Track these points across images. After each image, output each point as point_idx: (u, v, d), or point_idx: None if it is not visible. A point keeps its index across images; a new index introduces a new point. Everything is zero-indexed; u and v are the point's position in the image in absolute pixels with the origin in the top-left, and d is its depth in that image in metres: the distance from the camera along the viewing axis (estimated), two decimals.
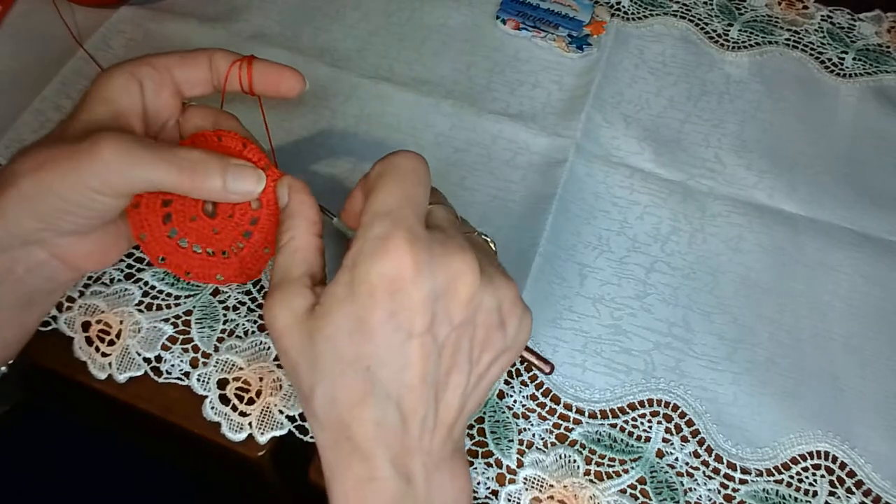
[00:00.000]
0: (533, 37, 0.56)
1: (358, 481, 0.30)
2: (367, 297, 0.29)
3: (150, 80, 0.36)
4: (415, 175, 0.32)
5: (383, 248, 0.29)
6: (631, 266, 0.45)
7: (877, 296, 0.45)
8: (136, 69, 0.36)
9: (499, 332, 0.32)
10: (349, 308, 0.30)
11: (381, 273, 0.29)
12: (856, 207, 0.48)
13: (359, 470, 0.30)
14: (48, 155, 0.33)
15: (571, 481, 0.38)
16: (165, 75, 0.37)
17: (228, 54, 0.38)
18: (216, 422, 0.39)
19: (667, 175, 0.49)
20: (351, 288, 0.30)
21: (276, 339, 0.31)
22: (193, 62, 0.38)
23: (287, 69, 0.38)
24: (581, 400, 0.41)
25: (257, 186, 0.35)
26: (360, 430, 0.30)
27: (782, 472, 0.39)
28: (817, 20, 0.58)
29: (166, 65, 0.37)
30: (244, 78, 0.38)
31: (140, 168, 0.33)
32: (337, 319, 0.30)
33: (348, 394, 0.30)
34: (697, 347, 0.43)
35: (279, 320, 0.31)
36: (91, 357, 0.41)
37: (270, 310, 0.31)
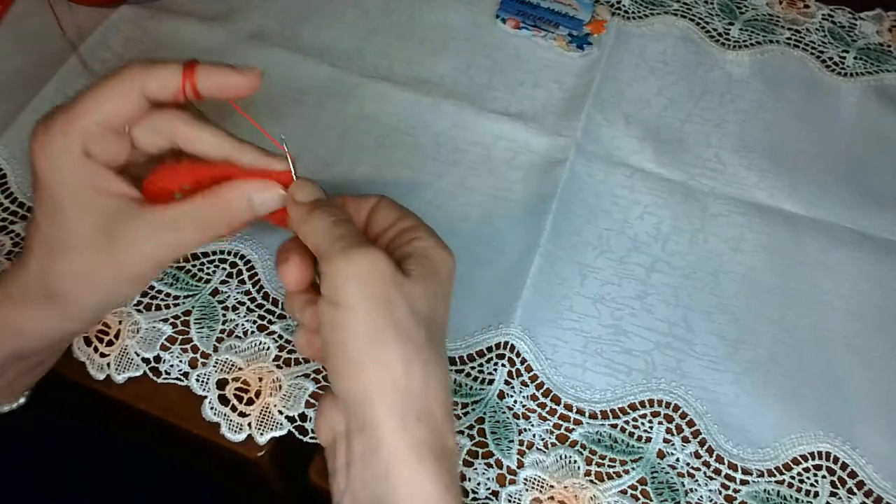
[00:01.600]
0: (533, 36, 0.55)
1: (364, 449, 0.30)
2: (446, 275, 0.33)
3: (95, 145, 0.32)
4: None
5: (444, 244, 0.34)
6: (632, 266, 0.45)
7: (878, 295, 0.45)
8: (75, 149, 0.31)
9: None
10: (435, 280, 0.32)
11: (451, 259, 0.34)
12: (857, 207, 0.48)
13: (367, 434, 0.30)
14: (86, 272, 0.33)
15: (572, 482, 0.38)
16: (101, 131, 0.32)
17: (161, 76, 0.32)
18: (215, 422, 0.39)
19: (668, 175, 0.49)
20: (435, 265, 0.33)
21: (382, 285, 0.30)
22: (122, 104, 0.32)
23: (234, 75, 0.33)
24: (581, 400, 0.41)
25: (277, 194, 0.34)
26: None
27: (783, 472, 0.39)
28: (818, 19, 0.58)
29: (95, 121, 0.32)
30: (188, 89, 0.33)
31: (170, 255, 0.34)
32: (428, 285, 0.32)
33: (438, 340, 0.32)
34: (698, 347, 0.43)
35: (389, 271, 0.30)
36: (90, 357, 0.41)
37: (378, 260, 0.30)
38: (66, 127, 0.32)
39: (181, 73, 0.32)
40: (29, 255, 0.34)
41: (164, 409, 0.40)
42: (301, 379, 0.40)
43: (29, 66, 0.52)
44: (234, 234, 0.36)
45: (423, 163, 0.49)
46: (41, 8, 0.54)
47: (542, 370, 0.41)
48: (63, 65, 0.52)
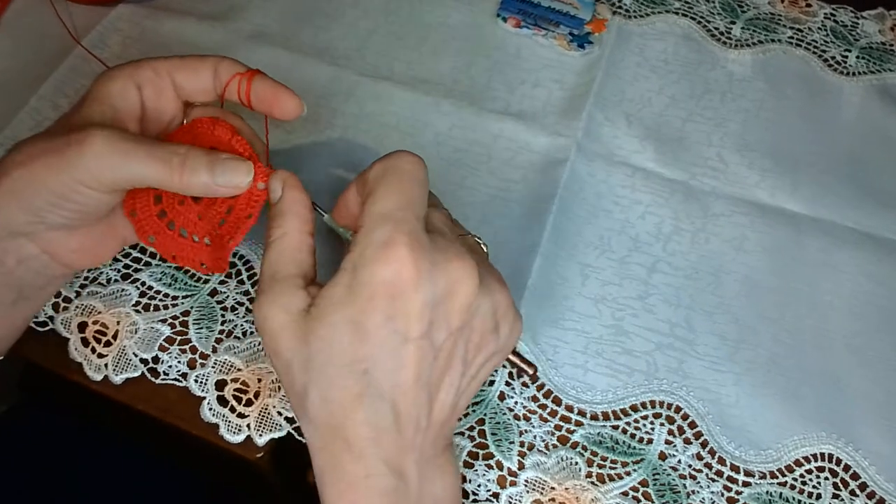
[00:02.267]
0: (534, 35, 0.55)
1: (352, 480, 0.30)
2: (367, 301, 0.29)
3: (150, 83, 0.36)
4: (415, 177, 0.32)
5: (385, 252, 0.29)
6: (633, 266, 0.45)
7: (880, 295, 0.45)
8: (136, 72, 0.36)
9: (493, 335, 0.32)
10: (347, 311, 0.29)
11: (383, 278, 0.29)
12: (859, 207, 0.48)
13: (352, 469, 0.30)
14: (39, 148, 0.33)
15: (573, 483, 0.38)
16: (166, 80, 0.37)
17: (234, 65, 0.37)
18: (214, 423, 0.39)
19: (669, 174, 0.49)
20: (350, 290, 0.30)
21: (269, 339, 0.31)
22: (196, 69, 0.37)
23: (286, 92, 0.37)
24: (583, 401, 0.40)
25: (245, 178, 0.35)
26: (354, 431, 0.30)
27: (786, 474, 0.39)
28: (820, 18, 0.58)
29: (168, 69, 0.37)
30: (243, 93, 0.37)
31: (128, 162, 0.33)
32: (334, 321, 0.30)
33: (343, 395, 0.30)
34: (700, 348, 0.42)
35: (272, 320, 0.31)
36: (87, 358, 0.41)
37: (261, 309, 0.31)
38: (139, 66, 0.36)
39: (246, 69, 0.37)
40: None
41: (163, 409, 0.40)
42: None
43: (27, 64, 0.52)
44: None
45: None
46: (40, 6, 0.54)
47: (542, 371, 0.41)
48: (62, 63, 0.52)
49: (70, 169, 0.32)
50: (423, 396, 0.31)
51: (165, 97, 0.37)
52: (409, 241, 0.29)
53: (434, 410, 0.31)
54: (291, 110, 0.37)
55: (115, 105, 0.35)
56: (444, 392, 0.31)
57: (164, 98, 0.37)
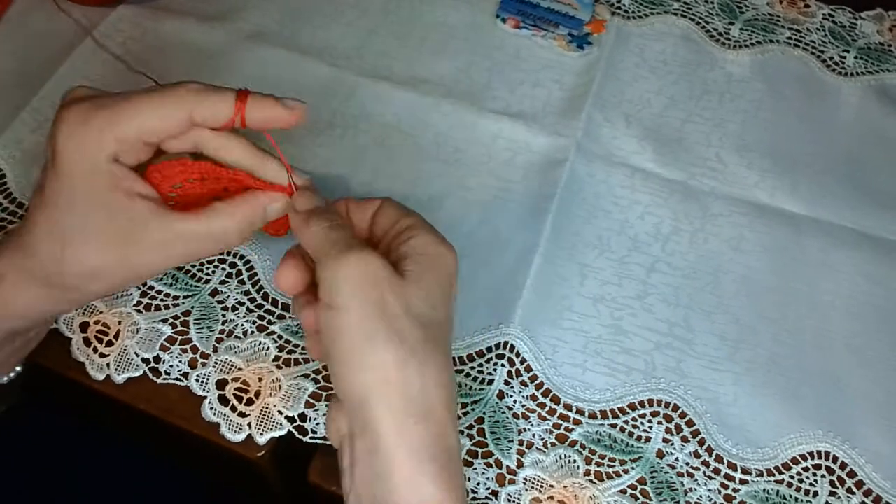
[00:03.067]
0: (533, 35, 0.55)
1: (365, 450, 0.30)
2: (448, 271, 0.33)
3: (127, 155, 0.32)
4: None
5: (444, 241, 0.34)
6: (632, 266, 0.45)
7: (878, 296, 0.45)
8: (108, 152, 0.32)
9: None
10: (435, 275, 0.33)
11: (453, 257, 0.34)
12: (858, 207, 0.48)
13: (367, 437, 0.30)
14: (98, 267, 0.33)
15: (571, 482, 0.38)
16: (137, 143, 0.32)
17: (214, 101, 0.32)
18: (215, 422, 0.39)
19: (668, 174, 0.49)
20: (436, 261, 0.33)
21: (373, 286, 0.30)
22: (166, 123, 0.32)
23: (281, 107, 0.34)
24: (581, 400, 0.41)
25: (283, 206, 0.36)
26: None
27: (783, 472, 0.39)
28: (819, 19, 0.58)
29: (137, 133, 0.32)
30: (237, 120, 0.33)
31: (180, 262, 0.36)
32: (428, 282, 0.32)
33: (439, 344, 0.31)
34: (698, 347, 0.42)
35: (382, 270, 0.31)
36: (89, 358, 0.41)
37: (370, 260, 0.30)
38: (106, 127, 0.31)
39: (234, 104, 0.32)
40: (34, 239, 0.33)
41: (164, 409, 0.40)
42: (301, 379, 0.40)
43: (29, 65, 0.52)
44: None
45: (423, 163, 0.49)
46: (41, 7, 0.54)
47: (541, 370, 0.41)
48: (63, 64, 0.52)
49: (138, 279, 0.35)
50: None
51: (136, 151, 0.33)
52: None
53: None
54: (293, 120, 0.34)
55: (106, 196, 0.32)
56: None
57: (134, 153, 0.33)
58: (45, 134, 0.49)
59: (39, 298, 0.34)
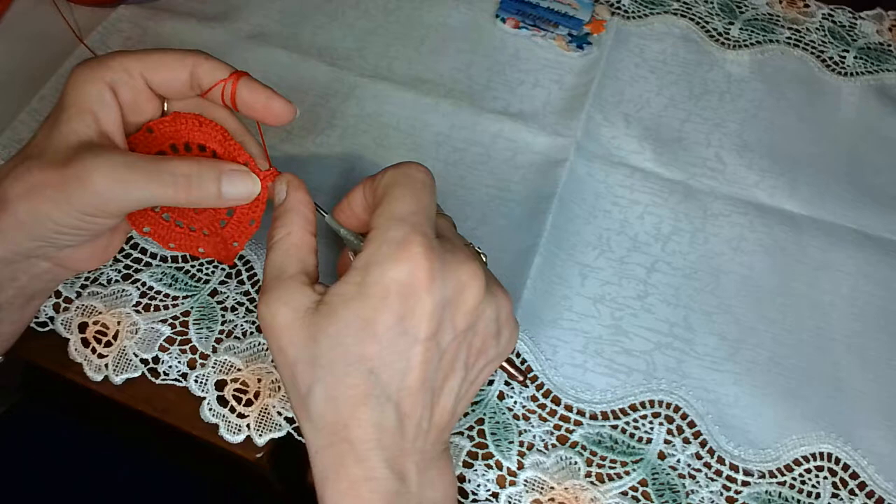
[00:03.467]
0: (533, 35, 0.55)
1: (354, 482, 0.30)
2: (379, 300, 0.29)
3: (124, 85, 0.34)
4: (427, 186, 0.33)
5: (400, 252, 0.29)
6: (632, 266, 0.45)
7: (879, 296, 0.45)
8: (108, 74, 0.34)
9: (494, 340, 0.33)
10: (358, 308, 0.30)
11: (396, 277, 0.29)
12: (857, 206, 0.48)
13: (355, 470, 0.30)
14: (38, 180, 0.32)
15: (572, 483, 0.38)
16: (139, 80, 0.35)
17: (215, 68, 0.35)
18: (214, 423, 0.39)
19: (668, 174, 0.49)
20: (361, 289, 0.30)
21: (275, 336, 0.31)
22: (171, 68, 0.35)
23: (274, 97, 0.35)
24: (582, 401, 0.41)
25: (254, 190, 0.35)
26: (358, 432, 0.30)
27: (785, 473, 0.39)
28: (818, 19, 0.58)
29: (140, 69, 0.34)
30: (227, 96, 0.35)
31: (132, 191, 0.32)
32: (344, 318, 0.30)
33: (349, 393, 0.30)
34: (699, 348, 0.42)
35: (279, 317, 0.31)
36: (87, 358, 0.41)
37: (268, 307, 0.31)
38: (116, 57, 0.34)
39: (230, 72, 0.35)
40: (32, 148, 0.34)
41: (163, 410, 0.40)
42: None
43: (28, 65, 0.52)
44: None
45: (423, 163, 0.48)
46: (41, 7, 0.54)
47: (542, 371, 0.41)
48: (63, 64, 0.52)
49: (74, 203, 0.32)
50: (426, 399, 0.31)
51: (142, 97, 0.35)
52: (423, 241, 0.30)
53: (435, 414, 0.31)
54: (283, 115, 0.35)
55: (94, 111, 0.34)
56: (445, 396, 0.32)
57: (140, 98, 0.35)
58: None
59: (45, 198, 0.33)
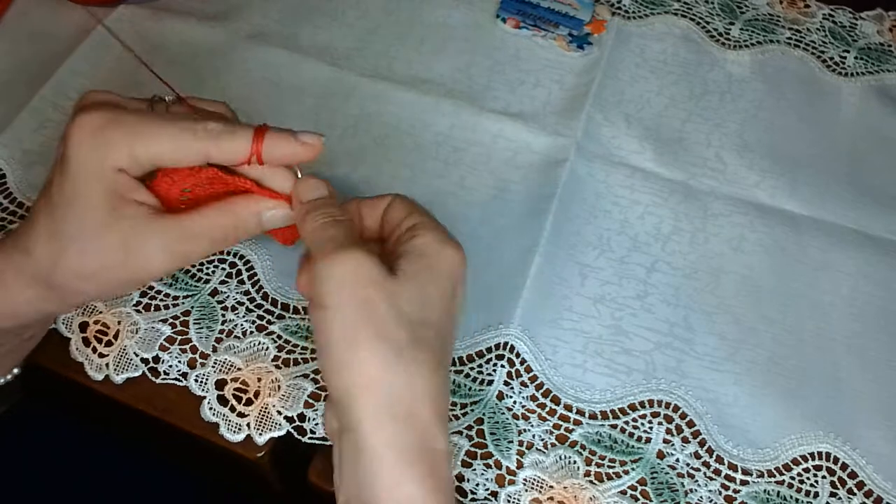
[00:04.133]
0: (533, 35, 0.55)
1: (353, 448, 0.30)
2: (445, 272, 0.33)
3: (133, 169, 0.32)
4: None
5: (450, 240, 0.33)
6: (632, 266, 0.45)
7: (879, 296, 0.45)
8: (119, 164, 0.32)
9: None
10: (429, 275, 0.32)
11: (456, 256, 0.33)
12: (858, 207, 0.48)
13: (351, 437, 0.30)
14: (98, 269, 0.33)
15: (571, 482, 0.38)
16: (147, 165, 0.33)
17: (232, 145, 0.32)
18: (214, 422, 0.39)
19: (668, 174, 0.49)
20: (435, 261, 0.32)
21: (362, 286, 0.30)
22: (183, 153, 0.32)
23: (295, 142, 0.33)
24: (581, 401, 0.41)
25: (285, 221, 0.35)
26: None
27: (783, 473, 0.39)
28: (819, 19, 0.58)
29: (149, 158, 0.32)
30: (253, 158, 0.33)
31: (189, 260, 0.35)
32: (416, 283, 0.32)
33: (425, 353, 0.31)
34: (698, 348, 0.42)
35: (374, 270, 0.30)
36: (88, 358, 0.41)
37: (362, 259, 0.30)
38: (121, 142, 0.32)
39: (251, 146, 0.32)
40: (34, 239, 0.33)
41: (163, 409, 0.40)
42: (300, 379, 0.40)
43: (29, 65, 0.52)
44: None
45: (423, 163, 0.49)
46: (41, 7, 0.54)
47: (541, 370, 0.41)
48: (63, 64, 0.52)
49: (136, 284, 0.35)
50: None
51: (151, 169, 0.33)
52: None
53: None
54: (314, 150, 0.34)
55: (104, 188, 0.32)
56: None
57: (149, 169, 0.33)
58: (45, 134, 0.49)
59: (33, 298, 0.34)
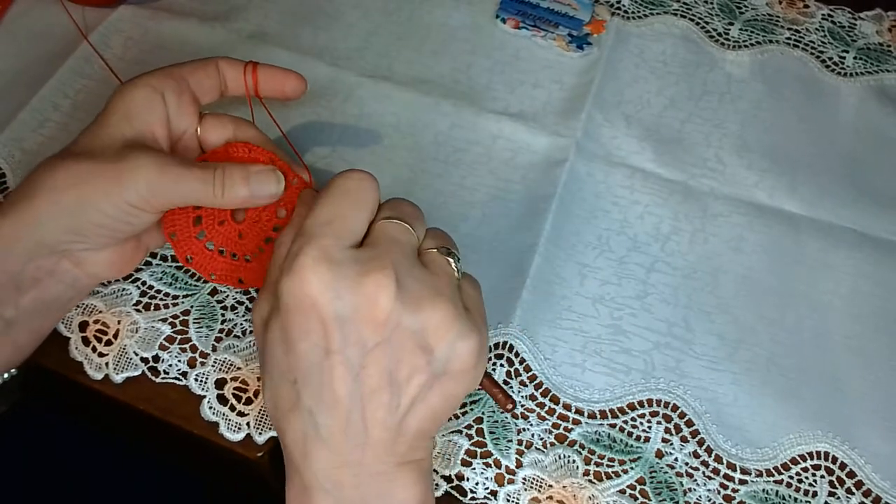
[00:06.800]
0: (533, 36, 0.55)
1: (298, 490, 0.32)
2: (286, 313, 0.30)
3: (172, 92, 0.38)
4: (351, 195, 0.32)
5: (292, 266, 0.29)
6: (631, 266, 0.45)
7: (878, 296, 0.45)
8: (158, 82, 0.37)
9: (423, 356, 0.30)
10: (276, 321, 0.31)
11: (290, 292, 0.30)
12: (857, 207, 0.48)
13: (296, 478, 0.32)
14: (87, 171, 0.34)
15: (570, 481, 0.38)
16: (184, 85, 0.38)
17: (233, 61, 0.41)
18: (214, 422, 0.39)
19: (667, 175, 0.49)
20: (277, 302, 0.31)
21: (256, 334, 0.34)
22: (205, 70, 0.39)
23: (289, 72, 0.41)
24: (580, 400, 0.41)
25: (278, 186, 0.37)
26: (290, 439, 0.31)
27: (782, 472, 0.39)
28: (818, 19, 0.58)
29: (182, 74, 0.38)
30: (250, 82, 0.41)
31: (177, 185, 0.35)
32: (272, 328, 0.31)
33: (283, 402, 0.31)
34: (697, 347, 0.42)
35: (257, 317, 0.34)
36: (87, 357, 0.41)
37: (257, 304, 0.34)
38: (159, 77, 0.38)
39: (250, 68, 0.41)
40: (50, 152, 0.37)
41: (163, 409, 0.40)
42: None
43: (29, 65, 0.52)
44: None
45: (423, 163, 0.49)
46: (41, 7, 0.54)
47: (540, 370, 0.41)
48: (63, 64, 0.52)
49: (123, 193, 0.34)
50: (351, 413, 0.30)
51: (184, 104, 0.39)
52: (316, 255, 0.29)
53: (370, 428, 0.30)
54: (297, 87, 0.42)
55: (142, 119, 0.37)
56: (378, 412, 0.30)
57: (183, 105, 0.38)
58: (45, 134, 0.49)
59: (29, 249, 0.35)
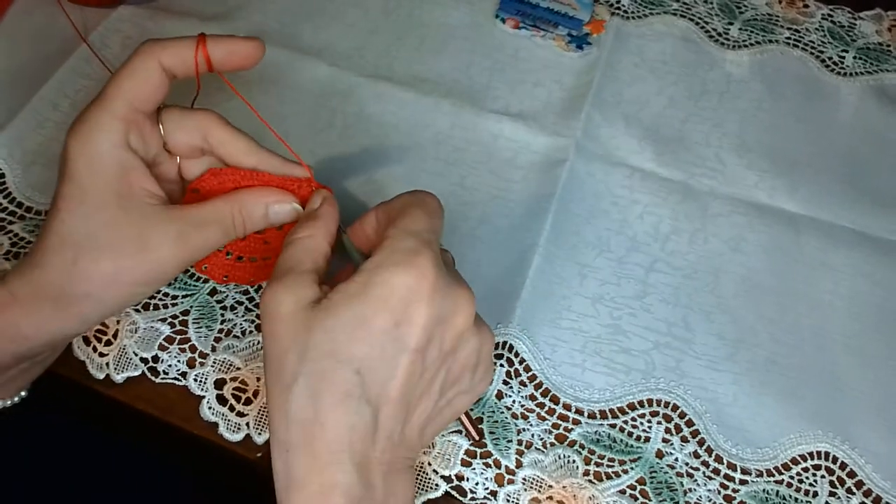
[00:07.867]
0: (533, 36, 0.55)
1: (324, 485, 0.29)
2: (380, 300, 0.30)
3: (131, 134, 0.34)
4: (438, 212, 0.34)
5: (410, 259, 0.30)
6: (631, 266, 0.45)
7: (878, 295, 0.45)
8: (111, 136, 0.33)
9: (470, 372, 0.34)
10: (357, 307, 0.30)
11: (403, 282, 0.30)
12: (857, 207, 0.48)
13: (325, 473, 0.30)
14: (117, 270, 0.33)
15: (570, 482, 0.38)
16: (133, 115, 0.34)
17: (177, 47, 0.34)
18: (213, 422, 0.39)
19: (667, 174, 0.49)
20: (366, 288, 0.30)
21: (272, 322, 0.31)
22: (145, 80, 0.33)
23: (240, 42, 0.35)
24: (580, 400, 0.41)
25: (293, 215, 0.37)
26: (332, 433, 0.30)
27: (782, 472, 0.39)
28: (818, 19, 0.58)
29: (125, 106, 0.33)
30: (201, 60, 0.35)
31: (204, 246, 0.36)
32: (343, 314, 0.30)
33: (331, 390, 0.30)
34: (697, 347, 0.42)
35: (283, 305, 0.31)
36: (89, 357, 0.41)
37: (275, 294, 0.31)
38: (99, 111, 0.33)
39: (195, 44, 0.34)
40: (46, 251, 0.33)
41: (163, 409, 0.40)
42: None
43: (28, 65, 0.52)
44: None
45: (423, 163, 0.49)
46: (41, 7, 0.54)
47: (540, 370, 0.41)
48: (62, 64, 0.52)
49: (155, 285, 0.36)
50: (402, 411, 0.31)
51: (146, 132, 0.35)
52: (432, 255, 0.31)
53: (406, 429, 0.32)
54: (253, 56, 0.35)
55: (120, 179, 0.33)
56: (418, 413, 0.32)
57: (145, 134, 0.35)
58: (44, 134, 0.49)
59: (47, 318, 0.34)
